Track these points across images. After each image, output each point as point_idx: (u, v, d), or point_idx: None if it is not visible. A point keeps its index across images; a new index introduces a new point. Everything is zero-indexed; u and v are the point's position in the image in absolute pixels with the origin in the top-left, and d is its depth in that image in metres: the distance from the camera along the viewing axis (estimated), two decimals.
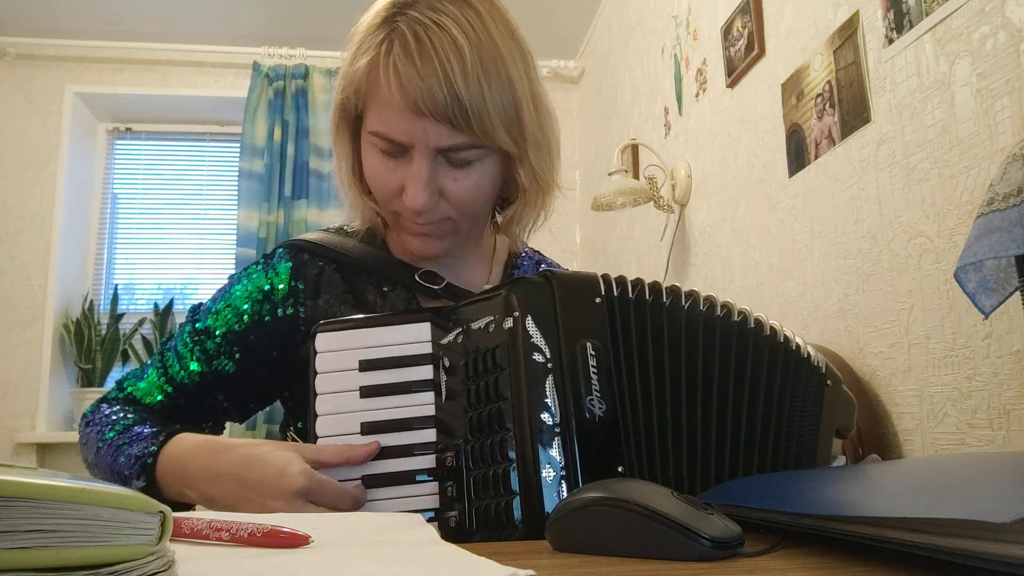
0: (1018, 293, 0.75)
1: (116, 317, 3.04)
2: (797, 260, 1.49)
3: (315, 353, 0.71)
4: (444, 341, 0.70)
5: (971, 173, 1.02)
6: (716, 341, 0.67)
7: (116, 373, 3.09)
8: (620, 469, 0.61)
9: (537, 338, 0.63)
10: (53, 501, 0.29)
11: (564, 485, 0.59)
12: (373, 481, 0.68)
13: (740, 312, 0.69)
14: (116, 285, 3.19)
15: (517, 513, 0.59)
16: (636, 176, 2.39)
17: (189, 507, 0.78)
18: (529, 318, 0.63)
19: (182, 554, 0.37)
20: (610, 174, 2.09)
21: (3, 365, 2.94)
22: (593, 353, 0.63)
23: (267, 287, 0.88)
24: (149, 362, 0.90)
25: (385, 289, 0.88)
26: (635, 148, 2.45)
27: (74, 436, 2.89)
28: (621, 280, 0.67)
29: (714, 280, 1.90)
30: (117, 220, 3.37)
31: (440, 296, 0.87)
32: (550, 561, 0.48)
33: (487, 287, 0.72)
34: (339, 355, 0.71)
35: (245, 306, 0.87)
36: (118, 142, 3.42)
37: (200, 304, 0.91)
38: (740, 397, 0.67)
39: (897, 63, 1.18)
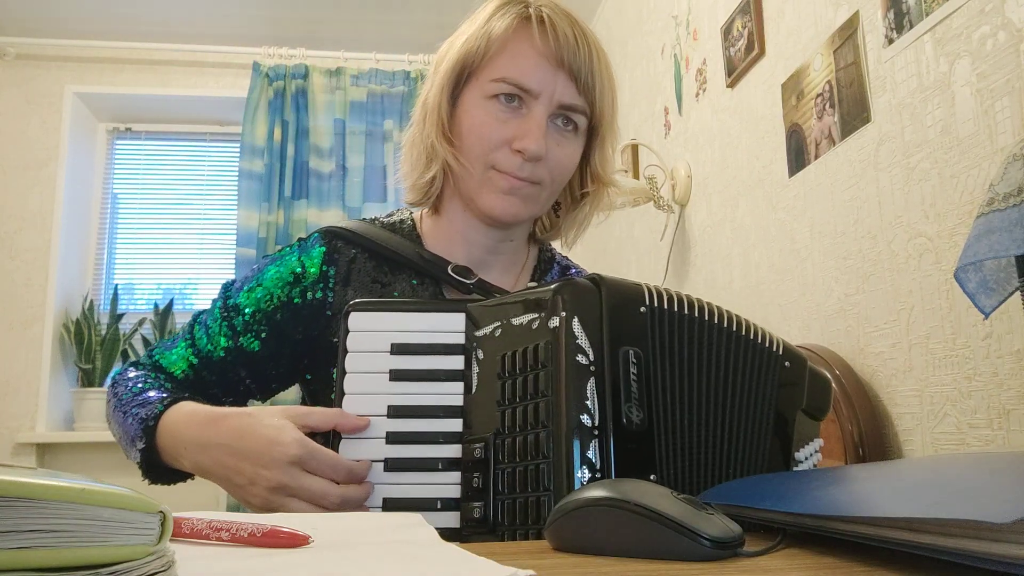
0: (1018, 293, 0.75)
1: (116, 317, 3.04)
2: (797, 260, 1.49)
3: (347, 331, 0.71)
4: (479, 333, 0.70)
5: (971, 173, 1.02)
6: (724, 350, 0.69)
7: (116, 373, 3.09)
8: (652, 477, 0.61)
9: (582, 340, 0.62)
10: (53, 501, 0.29)
11: None
12: (396, 464, 0.67)
13: (730, 318, 0.70)
14: (116, 285, 3.19)
15: (547, 510, 0.59)
16: (636, 176, 2.39)
17: (190, 475, 0.79)
18: (576, 319, 0.63)
19: (182, 554, 0.37)
20: None
21: (3, 365, 2.94)
22: (634, 361, 0.63)
23: (299, 270, 0.89)
24: (179, 334, 0.92)
25: (415, 282, 0.90)
26: (635, 148, 2.45)
27: (74, 436, 2.90)
28: (659, 292, 0.68)
29: (714, 280, 1.90)
30: (117, 220, 3.37)
31: (471, 291, 0.87)
32: (550, 561, 0.48)
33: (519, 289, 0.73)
34: (371, 335, 0.71)
35: (276, 287, 0.89)
36: (118, 142, 3.42)
37: (233, 281, 0.93)
38: (735, 400, 0.68)
39: (897, 63, 1.18)
